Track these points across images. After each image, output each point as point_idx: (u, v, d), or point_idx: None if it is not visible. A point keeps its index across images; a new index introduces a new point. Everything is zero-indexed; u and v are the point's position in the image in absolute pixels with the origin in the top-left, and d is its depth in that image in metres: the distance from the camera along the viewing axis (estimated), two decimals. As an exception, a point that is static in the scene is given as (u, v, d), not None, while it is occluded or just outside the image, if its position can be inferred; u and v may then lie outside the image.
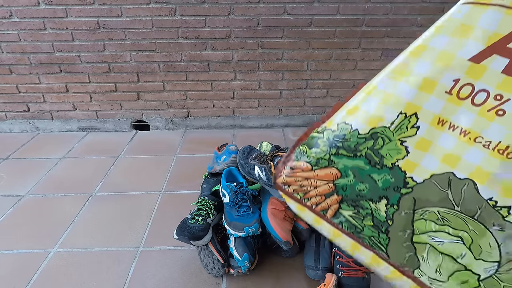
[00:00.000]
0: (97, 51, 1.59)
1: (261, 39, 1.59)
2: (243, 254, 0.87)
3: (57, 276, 0.94)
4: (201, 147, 1.64)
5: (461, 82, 0.49)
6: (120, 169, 1.46)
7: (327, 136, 0.58)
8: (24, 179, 1.38)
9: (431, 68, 0.50)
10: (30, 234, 1.09)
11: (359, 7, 1.53)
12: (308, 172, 0.59)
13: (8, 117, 1.76)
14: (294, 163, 0.61)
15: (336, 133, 0.57)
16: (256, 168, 0.91)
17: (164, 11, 1.51)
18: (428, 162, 0.50)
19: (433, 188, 0.49)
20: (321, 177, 0.58)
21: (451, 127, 0.49)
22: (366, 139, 0.54)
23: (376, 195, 0.53)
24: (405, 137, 0.52)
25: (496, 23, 0.46)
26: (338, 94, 1.77)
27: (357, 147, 0.55)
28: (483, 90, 0.47)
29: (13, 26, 1.52)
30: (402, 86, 0.53)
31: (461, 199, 0.47)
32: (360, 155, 0.55)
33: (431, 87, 0.50)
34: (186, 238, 0.88)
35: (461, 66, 0.48)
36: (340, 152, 0.56)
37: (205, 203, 0.97)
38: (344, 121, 0.57)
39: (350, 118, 0.57)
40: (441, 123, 0.50)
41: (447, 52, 0.50)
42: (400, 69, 0.54)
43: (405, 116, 0.52)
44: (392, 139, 0.53)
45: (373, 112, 0.54)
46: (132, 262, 0.99)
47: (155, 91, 1.72)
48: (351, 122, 0.56)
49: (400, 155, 0.52)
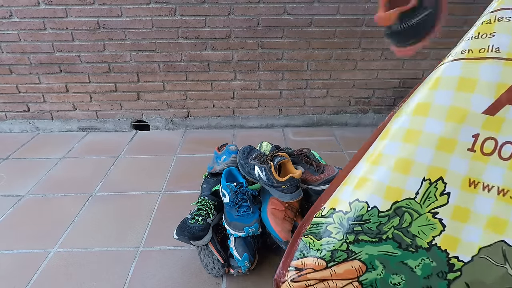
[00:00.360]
0: (97, 51, 1.59)
1: (261, 39, 1.59)
2: (243, 254, 0.87)
3: (57, 276, 0.94)
4: (201, 147, 1.64)
5: (481, 136, 0.43)
6: (120, 169, 1.46)
7: (339, 220, 0.47)
8: (24, 179, 1.38)
9: (445, 125, 0.44)
10: (30, 234, 1.09)
11: (359, 7, 1.53)
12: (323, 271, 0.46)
13: (8, 117, 1.76)
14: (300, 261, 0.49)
15: (350, 214, 0.47)
16: (256, 168, 0.91)
17: (164, 11, 1.51)
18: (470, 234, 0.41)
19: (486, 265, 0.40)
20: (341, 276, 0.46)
21: (485, 188, 0.42)
22: (389, 217, 0.45)
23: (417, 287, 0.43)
24: (437, 208, 0.43)
25: (498, 75, 0.43)
26: (338, 94, 1.77)
27: (381, 229, 0.45)
28: (508, 143, 0.42)
29: (13, 26, 1.52)
30: (414, 148, 0.45)
31: None
32: (386, 238, 0.44)
33: (451, 146, 0.44)
34: (186, 238, 0.88)
35: (476, 121, 0.43)
36: (361, 238, 0.45)
37: (205, 203, 0.97)
38: (356, 198, 0.47)
39: (362, 193, 0.47)
40: (473, 185, 0.43)
41: (457, 107, 0.44)
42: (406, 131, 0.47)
43: (430, 182, 0.44)
44: (421, 212, 0.44)
45: (389, 183, 0.45)
46: (132, 262, 0.99)
47: (155, 91, 1.72)
48: (366, 199, 0.46)
49: (436, 231, 0.43)
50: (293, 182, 0.88)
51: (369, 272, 0.44)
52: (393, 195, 0.45)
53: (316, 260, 0.47)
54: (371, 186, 0.46)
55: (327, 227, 0.47)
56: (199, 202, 0.99)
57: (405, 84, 1.76)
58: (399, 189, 0.45)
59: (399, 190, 0.45)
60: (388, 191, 0.45)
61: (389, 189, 0.45)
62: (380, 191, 0.45)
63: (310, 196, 0.96)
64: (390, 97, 1.80)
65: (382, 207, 0.45)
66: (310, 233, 0.49)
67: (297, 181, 0.90)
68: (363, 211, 0.46)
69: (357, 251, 0.45)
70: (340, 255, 0.46)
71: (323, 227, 0.48)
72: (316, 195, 0.95)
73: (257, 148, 1.15)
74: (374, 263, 0.44)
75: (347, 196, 0.48)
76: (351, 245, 0.45)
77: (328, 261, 0.46)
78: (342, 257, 0.45)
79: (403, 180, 0.45)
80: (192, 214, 0.95)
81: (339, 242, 0.46)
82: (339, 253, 0.46)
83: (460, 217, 0.42)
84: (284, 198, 0.90)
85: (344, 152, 1.60)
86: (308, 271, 0.47)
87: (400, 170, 0.45)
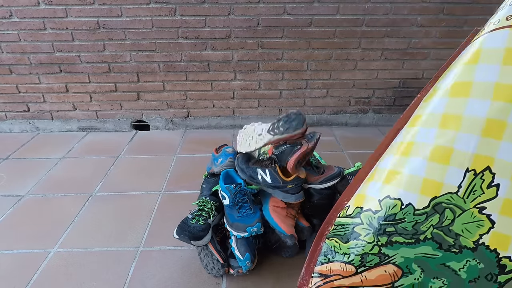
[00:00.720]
0: (97, 51, 1.59)
1: (261, 39, 1.59)
2: (245, 254, 0.87)
3: (57, 276, 0.94)
4: (201, 147, 1.64)
5: None
6: (120, 169, 1.46)
7: (368, 220, 0.41)
8: (24, 179, 1.38)
9: (490, 106, 0.38)
10: (30, 234, 1.09)
11: (359, 7, 1.53)
12: (352, 278, 0.40)
13: (8, 117, 1.76)
14: (324, 266, 0.43)
15: (380, 213, 0.41)
16: (259, 171, 0.91)
17: (164, 11, 1.51)
18: None
19: None
20: (373, 282, 0.40)
21: None
22: (427, 214, 0.39)
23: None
24: (484, 202, 0.38)
25: None
26: (338, 94, 1.77)
27: (418, 228, 0.39)
28: None
29: (13, 26, 1.52)
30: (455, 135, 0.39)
31: None
32: (424, 238, 0.39)
33: (499, 130, 0.37)
34: (187, 238, 0.88)
35: None
36: (394, 240, 0.39)
37: (207, 204, 0.97)
38: (387, 195, 0.41)
39: (394, 188, 0.41)
40: None
41: (505, 85, 0.38)
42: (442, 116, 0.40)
43: (475, 173, 0.38)
44: (465, 208, 0.38)
45: (426, 176, 0.39)
46: (132, 262, 0.99)
47: (155, 91, 1.72)
48: (399, 195, 0.40)
49: (483, 229, 0.37)
50: (298, 181, 0.89)
51: (406, 277, 0.39)
52: (430, 189, 0.39)
53: (343, 265, 0.41)
54: (404, 180, 0.40)
55: (354, 229, 0.41)
56: (200, 202, 0.99)
57: (405, 84, 1.76)
58: (437, 182, 0.39)
59: (437, 183, 0.39)
60: (425, 185, 0.39)
61: (426, 183, 0.39)
62: (415, 186, 0.39)
63: (311, 196, 0.96)
64: (390, 97, 1.80)
65: (419, 204, 0.39)
66: (334, 235, 0.43)
67: (302, 180, 0.90)
68: (396, 209, 0.40)
69: (391, 254, 0.39)
70: (372, 259, 0.40)
71: (349, 229, 0.42)
72: (318, 194, 0.95)
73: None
74: (411, 267, 0.38)
75: (375, 192, 0.42)
76: (383, 248, 0.39)
77: (357, 266, 0.40)
78: (373, 261, 0.40)
79: (441, 171, 0.38)
80: (193, 214, 0.95)
81: (370, 245, 0.40)
82: (370, 257, 0.40)
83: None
84: (289, 198, 0.90)
85: (344, 152, 1.60)
86: (335, 278, 0.41)
87: (438, 160, 0.38)
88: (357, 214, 0.42)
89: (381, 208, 0.41)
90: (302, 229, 0.96)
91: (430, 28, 1.59)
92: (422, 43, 1.64)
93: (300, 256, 1.00)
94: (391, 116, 1.86)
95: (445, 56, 1.70)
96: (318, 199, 0.95)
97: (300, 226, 0.96)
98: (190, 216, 0.95)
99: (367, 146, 1.64)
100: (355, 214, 0.42)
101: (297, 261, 0.99)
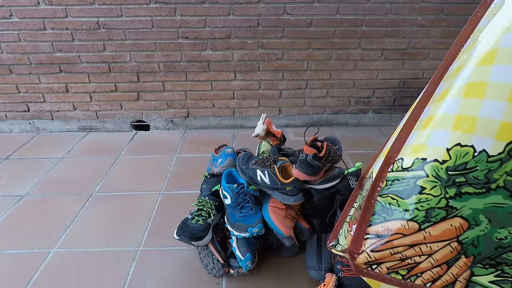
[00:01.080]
0: (97, 51, 1.59)
1: (261, 39, 1.59)
2: (245, 254, 0.87)
3: (57, 276, 0.94)
4: (201, 147, 1.64)
5: None
6: (120, 169, 1.46)
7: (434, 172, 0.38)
8: (24, 179, 1.38)
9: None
10: (30, 234, 1.09)
11: (359, 7, 1.53)
12: (414, 235, 0.38)
13: (8, 117, 1.76)
14: (380, 225, 0.39)
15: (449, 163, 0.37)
16: (258, 172, 0.91)
17: (164, 11, 1.51)
18: None
19: None
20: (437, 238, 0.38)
21: None
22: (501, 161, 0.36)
23: None
24: None
25: None
26: (338, 94, 1.77)
27: (490, 177, 0.36)
28: None
29: (13, 26, 1.52)
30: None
31: None
32: (496, 187, 0.36)
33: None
34: (187, 239, 0.88)
35: None
36: (464, 191, 0.37)
37: (206, 204, 0.97)
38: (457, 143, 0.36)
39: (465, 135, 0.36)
40: None
41: None
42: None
43: None
44: None
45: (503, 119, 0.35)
46: (132, 262, 0.99)
47: (155, 91, 1.72)
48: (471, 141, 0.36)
49: None
50: (297, 183, 0.89)
51: (471, 229, 0.37)
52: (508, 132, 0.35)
53: (404, 223, 0.38)
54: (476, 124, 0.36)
55: (417, 182, 0.39)
56: (199, 202, 0.99)
57: (405, 84, 1.76)
58: None
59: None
60: (502, 128, 0.35)
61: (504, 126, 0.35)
62: (491, 130, 0.35)
63: (312, 196, 0.96)
64: (390, 97, 1.80)
65: (493, 150, 0.36)
66: (390, 191, 0.40)
67: (301, 183, 0.90)
68: (467, 157, 0.37)
69: (459, 206, 0.37)
70: (437, 214, 0.38)
71: (410, 183, 0.39)
72: (318, 194, 0.95)
73: (256, 148, 1.15)
74: (478, 219, 0.36)
75: (441, 140, 0.38)
76: (451, 201, 0.37)
77: (421, 222, 0.38)
78: (439, 215, 0.37)
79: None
80: (192, 214, 0.95)
81: (436, 199, 0.37)
82: (436, 212, 0.38)
83: None
84: (288, 200, 0.90)
85: (344, 152, 1.60)
86: (394, 237, 0.38)
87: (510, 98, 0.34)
88: (419, 165, 0.38)
89: (450, 157, 0.37)
90: (302, 230, 0.96)
91: (430, 28, 1.59)
92: (422, 43, 1.64)
93: (300, 257, 1.00)
94: (391, 116, 1.86)
95: (445, 56, 1.69)
96: (319, 199, 0.95)
97: (299, 227, 0.96)
98: (190, 216, 0.95)
99: (367, 146, 1.64)
100: (416, 165, 0.38)
101: (297, 261, 0.99)
